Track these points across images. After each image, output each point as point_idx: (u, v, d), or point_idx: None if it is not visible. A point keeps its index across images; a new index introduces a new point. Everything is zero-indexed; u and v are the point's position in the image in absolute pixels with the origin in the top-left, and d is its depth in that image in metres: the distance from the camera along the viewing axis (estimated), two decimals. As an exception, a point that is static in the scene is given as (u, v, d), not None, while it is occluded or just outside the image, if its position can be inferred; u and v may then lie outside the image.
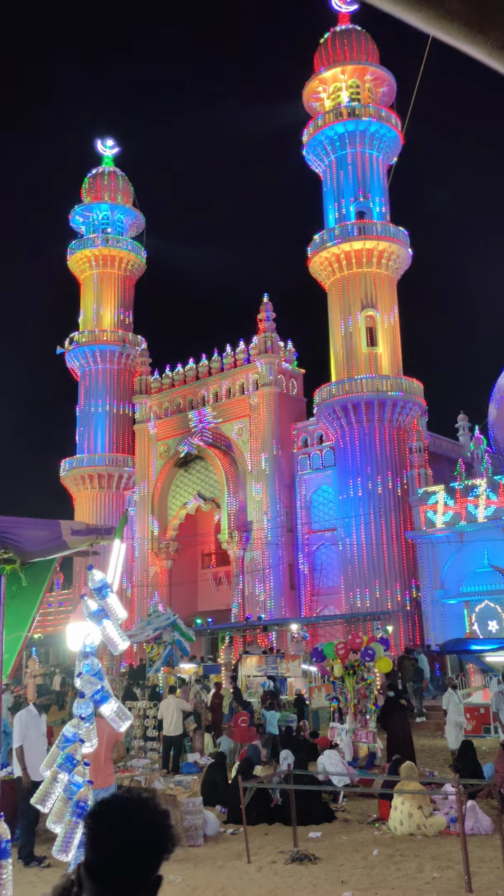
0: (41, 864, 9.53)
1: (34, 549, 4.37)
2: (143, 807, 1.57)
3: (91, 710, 4.34)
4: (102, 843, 1.51)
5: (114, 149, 55.76)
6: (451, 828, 10.66)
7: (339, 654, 16.78)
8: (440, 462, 39.17)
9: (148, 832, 1.53)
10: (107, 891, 1.50)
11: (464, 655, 24.02)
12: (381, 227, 39.51)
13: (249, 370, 41.93)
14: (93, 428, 50.13)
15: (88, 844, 1.51)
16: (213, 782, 13.17)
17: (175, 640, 23.84)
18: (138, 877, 1.52)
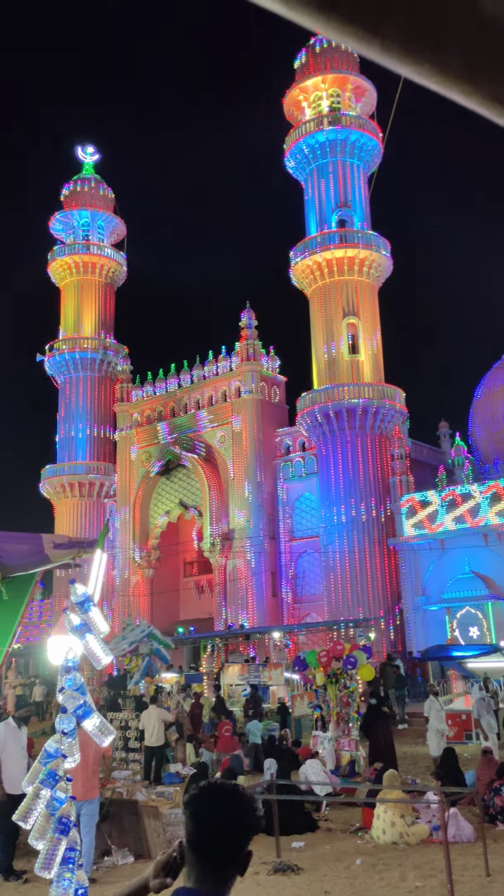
0: (20, 879, 9.44)
1: (15, 564, 4.34)
2: (235, 792, 1.90)
3: (73, 726, 4.31)
4: (205, 822, 1.81)
5: (94, 156, 55.73)
6: (433, 836, 10.68)
7: (322, 663, 16.78)
8: (422, 469, 39.34)
9: (241, 813, 1.85)
10: (208, 863, 1.80)
11: (445, 662, 24.15)
12: (362, 235, 39.73)
13: (231, 378, 41.96)
14: (73, 436, 49.92)
15: (191, 824, 1.81)
16: (195, 793, 13.12)
17: (153, 650, 23.72)
18: (234, 851, 1.81)
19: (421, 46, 0.61)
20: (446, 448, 44.43)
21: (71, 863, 3.97)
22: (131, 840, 10.68)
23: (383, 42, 0.60)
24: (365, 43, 0.62)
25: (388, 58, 0.62)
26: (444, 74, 0.62)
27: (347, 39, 0.61)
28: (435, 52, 0.61)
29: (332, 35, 0.62)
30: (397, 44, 0.60)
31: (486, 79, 0.62)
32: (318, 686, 17.02)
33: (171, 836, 10.56)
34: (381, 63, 0.64)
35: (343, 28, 0.60)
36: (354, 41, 0.62)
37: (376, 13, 0.58)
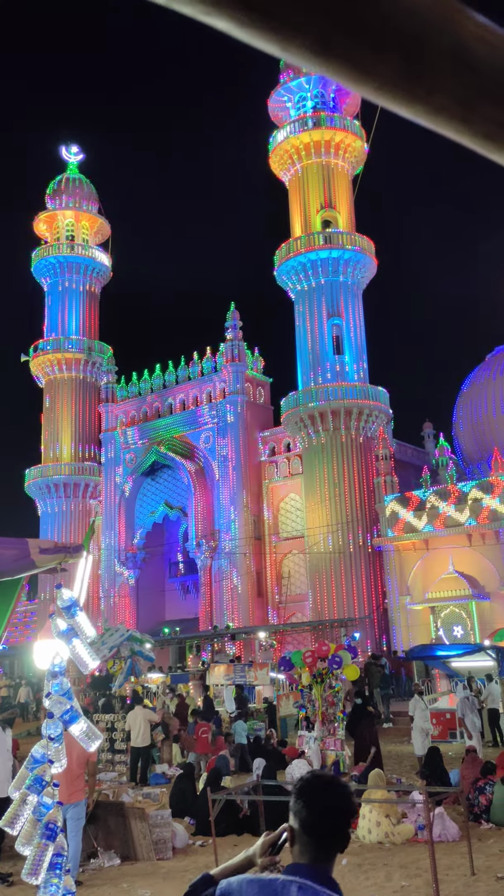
0: (6, 882, 9.40)
1: (1, 569, 4.33)
2: (338, 782, 2.22)
3: (60, 731, 4.30)
4: (320, 809, 2.10)
5: (78, 155, 55.54)
6: (418, 835, 10.72)
7: (307, 663, 16.80)
8: (406, 469, 39.52)
9: (346, 799, 2.14)
10: (322, 842, 2.09)
11: (429, 661, 24.23)
12: (347, 236, 39.81)
13: (217, 378, 41.95)
14: (58, 436, 49.74)
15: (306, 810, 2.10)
16: (181, 793, 13.12)
17: (135, 652, 23.66)
18: (342, 831, 2.12)
19: (415, 88, 0.62)
20: (430, 448, 44.69)
21: (58, 868, 3.97)
22: (118, 842, 10.66)
23: (377, 83, 0.61)
24: (359, 84, 0.63)
25: (381, 98, 0.64)
26: (437, 114, 0.64)
27: (342, 80, 0.63)
28: (428, 94, 0.62)
29: (327, 75, 0.63)
30: (391, 85, 0.61)
31: (479, 118, 0.64)
32: (304, 686, 17.05)
33: (158, 838, 10.55)
34: (374, 102, 0.65)
35: (337, 70, 0.61)
36: (349, 82, 0.63)
37: (370, 57, 0.59)
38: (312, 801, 2.11)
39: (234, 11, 0.54)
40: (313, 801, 2.11)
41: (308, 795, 2.12)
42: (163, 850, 10.53)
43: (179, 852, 10.77)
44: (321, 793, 2.13)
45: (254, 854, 2.30)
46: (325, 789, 2.14)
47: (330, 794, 2.13)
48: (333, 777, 2.24)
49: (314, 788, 2.14)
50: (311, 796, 2.12)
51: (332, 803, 2.12)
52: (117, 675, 24.06)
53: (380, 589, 35.66)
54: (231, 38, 0.58)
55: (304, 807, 2.10)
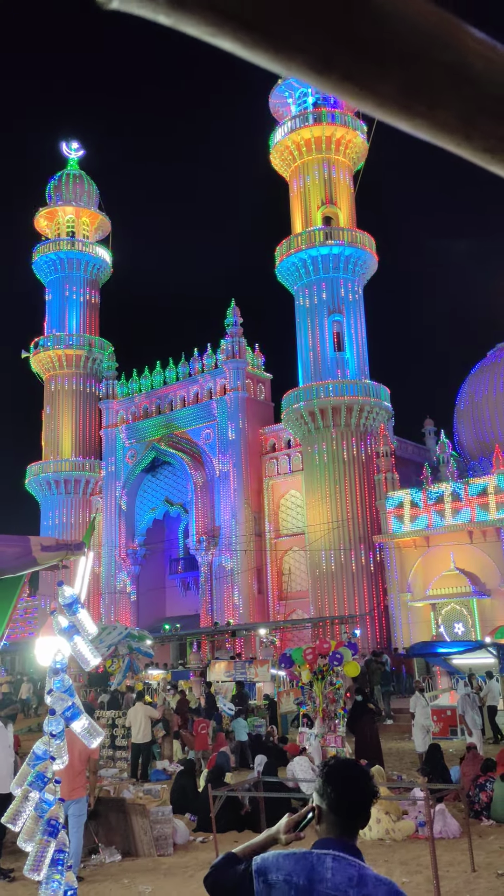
0: (7, 878, 9.44)
1: (3, 566, 4.35)
2: (360, 766, 2.51)
3: (62, 728, 4.32)
4: (347, 790, 2.38)
5: (79, 151, 55.47)
6: (419, 832, 10.76)
7: (308, 660, 16.83)
8: (406, 466, 39.52)
9: (369, 782, 2.42)
10: (349, 820, 2.38)
11: (430, 658, 24.27)
12: (348, 232, 39.77)
13: (217, 375, 41.95)
14: (59, 433, 49.77)
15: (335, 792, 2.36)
16: (182, 789, 13.16)
17: (134, 649, 23.69)
18: (364, 809, 2.40)
19: (416, 105, 0.63)
20: (431, 445, 44.68)
21: (60, 864, 3.99)
22: (119, 838, 10.69)
23: (379, 100, 0.62)
24: (361, 101, 0.64)
25: (383, 113, 0.65)
26: (438, 129, 0.65)
27: (344, 97, 0.64)
28: (429, 110, 0.63)
29: (329, 92, 0.64)
30: (392, 102, 0.63)
31: (480, 134, 0.65)
32: (305, 683, 17.08)
33: (159, 834, 10.58)
34: (376, 117, 0.66)
35: (338, 88, 0.62)
36: (350, 99, 0.64)
37: (372, 75, 0.60)
38: (340, 783, 2.38)
39: (237, 33, 0.56)
40: (341, 783, 2.38)
41: (336, 779, 2.39)
42: (164, 847, 10.56)
43: (180, 848, 10.81)
44: (347, 776, 2.41)
45: (277, 832, 2.50)
46: (350, 773, 2.43)
47: (354, 777, 2.42)
48: (356, 763, 2.57)
49: (341, 772, 2.42)
50: (339, 780, 2.39)
51: (358, 786, 2.40)
52: (116, 672, 24.11)
53: (380, 586, 35.68)
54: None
55: (332, 789, 2.37)
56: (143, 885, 9.06)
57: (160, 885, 9.07)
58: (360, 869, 2.29)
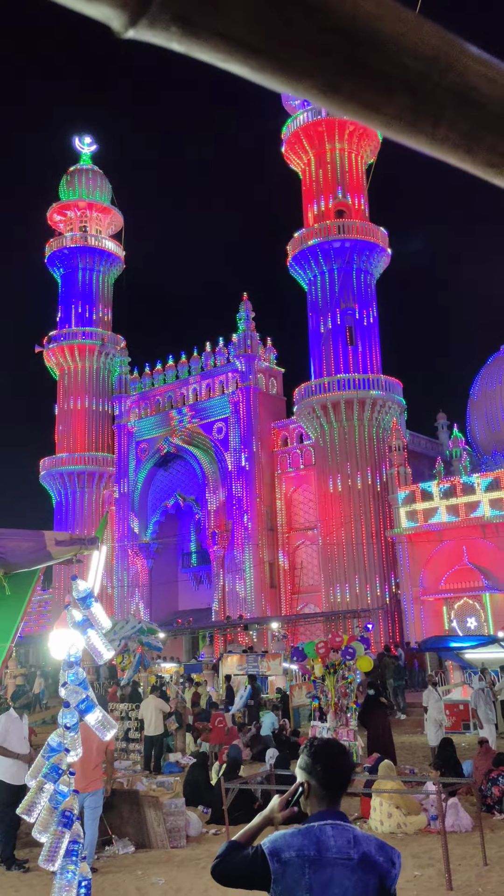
0: (22, 868, 9.53)
1: (18, 561, 4.40)
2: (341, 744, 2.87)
3: (76, 720, 4.37)
4: (335, 765, 2.68)
5: (91, 146, 55.53)
6: (431, 825, 10.78)
7: (320, 654, 16.86)
8: (419, 460, 39.46)
9: (348, 757, 2.77)
10: (336, 792, 2.67)
11: (443, 653, 24.25)
12: (361, 225, 39.66)
13: (229, 369, 41.97)
14: (72, 427, 49.96)
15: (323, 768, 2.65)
16: (195, 782, 13.23)
17: (144, 643, 23.78)
18: (347, 781, 2.73)
19: (420, 124, 0.65)
20: (444, 439, 44.57)
21: (74, 855, 4.04)
22: (132, 830, 10.77)
23: (384, 119, 0.65)
24: (367, 120, 0.66)
25: (388, 131, 0.67)
26: (442, 146, 0.67)
27: (350, 116, 0.66)
28: (434, 128, 0.65)
29: (335, 112, 0.66)
30: (397, 121, 0.65)
31: (483, 149, 0.67)
32: (317, 677, 17.12)
33: (172, 826, 10.65)
34: (380, 132, 0.68)
35: (345, 108, 0.64)
36: (356, 118, 0.67)
37: (377, 97, 0.62)
38: (328, 760, 2.68)
39: (247, 59, 0.58)
40: (329, 760, 2.68)
41: (324, 757, 2.68)
42: (177, 839, 10.63)
43: (193, 840, 10.88)
44: (333, 753, 2.72)
45: (271, 812, 2.71)
46: (335, 750, 2.74)
47: (339, 754, 2.73)
48: (338, 741, 2.93)
49: (327, 750, 2.72)
50: (327, 757, 2.69)
51: (342, 761, 2.71)
52: (127, 668, 24.22)
53: (393, 580, 35.67)
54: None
55: (322, 766, 2.66)
56: (157, 876, 9.13)
57: (173, 877, 9.14)
58: (352, 831, 2.61)
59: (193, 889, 8.68)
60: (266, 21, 0.55)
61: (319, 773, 2.65)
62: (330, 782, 2.65)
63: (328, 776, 2.65)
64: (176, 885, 8.80)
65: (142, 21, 0.56)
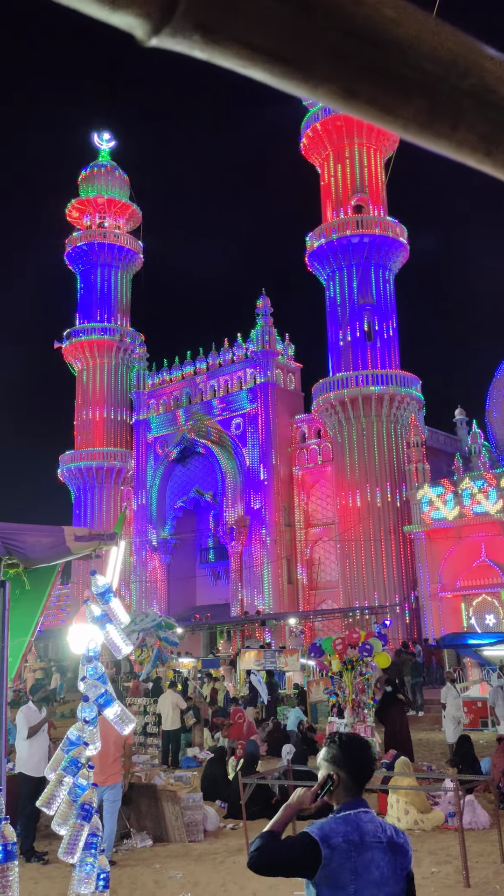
0: (41, 860, 9.62)
1: (38, 556, 4.43)
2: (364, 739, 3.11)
3: (95, 714, 4.41)
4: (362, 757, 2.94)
5: (110, 143, 55.67)
6: (448, 822, 10.77)
7: (337, 650, 16.86)
8: (438, 456, 39.28)
9: (371, 750, 3.08)
10: (362, 782, 2.91)
11: (461, 649, 24.16)
12: (379, 220, 39.51)
13: (247, 364, 41.98)
14: (90, 423, 50.19)
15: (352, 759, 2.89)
16: (213, 777, 13.28)
17: (161, 638, 23.86)
18: (371, 775, 2.97)
19: (438, 126, 0.66)
20: (463, 435, 44.36)
21: (93, 848, 4.08)
22: (150, 823, 10.84)
23: (403, 122, 0.65)
24: (385, 124, 0.67)
25: (407, 134, 0.68)
26: (461, 148, 0.67)
27: (369, 120, 0.67)
28: (452, 131, 0.66)
29: (354, 116, 0.67)
30: (416, 124, 0.65)
31: (502, 151, 0.67)
32: (334, 673, 17.12)
33: (189, 820, 10.71)
34: (401, 137, 0.69)
35: (363, 112, 0.65)
36: (375, 122, 0.67)
37: (395, 101, 0.63)
38: (357, 754, 2.93)
39: (267, 65, 0.59)
40: (358, 754, 2.93)
41: (354, 750, 2.93)
42: (194, 833, 10.69)
43: (210, 835, 10.93)
44: (361, 747, 2.98)
45: (299, 803, 2.93)
46: (362, 745, 3.01)
47: (365, 747, 3.01)
48: (360, 735, 3.21)
49: (356, 744, 2.97)
50: (356, 751, 2.93)
51: (368, 754, 2.99)
52: (145, 662, 24.31)
53: (411, 577, 35.57)
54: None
55: (352, 759, 2.90)
56: (174, 870, 9.19)
57: (190, 871, 9.19)
58: (376, 817, 2.92)
59: (211, 883, 8.72)
60: (286, 28, 0.56)
61: (350, 766, 2.87)
62: (358, 774, 2.89)
63: (357, 769, 2.89)
64: (193, 879, 8.85)
65: (165, 30, 0.57)
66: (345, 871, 2.73)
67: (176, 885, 8.67)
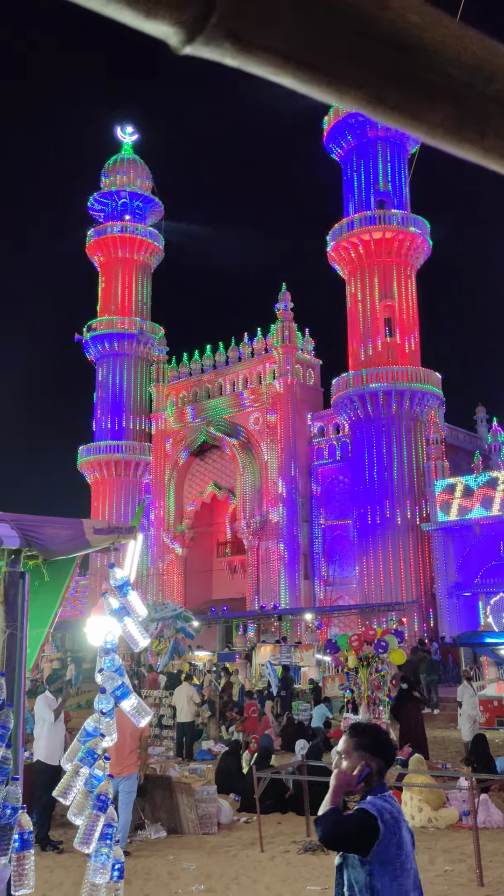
0: (56, 849, 9.71)
1: (57, 548, 4.46)
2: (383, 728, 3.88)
3: (112, 706, 4.44)
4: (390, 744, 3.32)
5: (133, 136, 55.74)
6: (462, 821, 10.75)
7: (353, 646, 16.85)
8: (457, 454, 39.09)
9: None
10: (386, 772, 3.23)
11: (478, 648, 24.08)
12: (401, 215, 39.31)
13: (266, 359, 41.94)
14: (110, 415, 50.38)
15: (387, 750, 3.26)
16: (227, 770, 13.33)
17: (180, 629, 23.92)
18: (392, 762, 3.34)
19: (465, 132, 0.66)
20: (483, 433, 44.09)
21: (108, 838, 4.11)
22: (164, 815, 10.91)
23: (429, 128, 0.66)
24: (412, 129, 0.67)
25: (433, 140, 0.68)
26: (488, 155, 0.68)
27: (395, 126, 0.67)
28: (479, 136, 0.66)
29: (381, 122, 0.68)
30: (443, 130, 0.66)
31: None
32: (350, 669, 17.12)
33: (203, 812, 10.76)
34: (427, 143, 0.70)
35: (390, 118, 0.66)
36: (402, 127, 0.68)
37: (422, 107, 0.64)
38: (389, 743, 3.34)
39: (297, 72, 0.60)
40: (390, 743, 3.34)
41: (386, 739, 3.32)
42: (208, 825, 10.74)
43: (224, 828, 10.98)
44: (389, 737, 3.41)
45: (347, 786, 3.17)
46: (388, 734, 3.44)
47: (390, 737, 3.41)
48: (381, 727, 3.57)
49: (385, 734, 3.35)
50: (388, 740, 3.34)
51: (393, 743, 3.42)
52: (162, 653, 24.40)
53: (428, 574, 35.45)
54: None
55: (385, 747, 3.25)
56: (188, 862, 9.24)
57: (204, 863, 9.24)
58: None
59: (224, 875, 8.76)
60: (313, 35, 0.57)
61: (384, 754, 3.21)
62: (390, 761, 3.25)
63: (391, 756, 3.27)
64: (207, 872, 8.90)
65: (198, 38, 0.58)
66: (392, 846, 3.00)
67: (189, 876, 8.73)
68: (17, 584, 4.38)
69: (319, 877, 8.64)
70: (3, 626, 4.23)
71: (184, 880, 8.59)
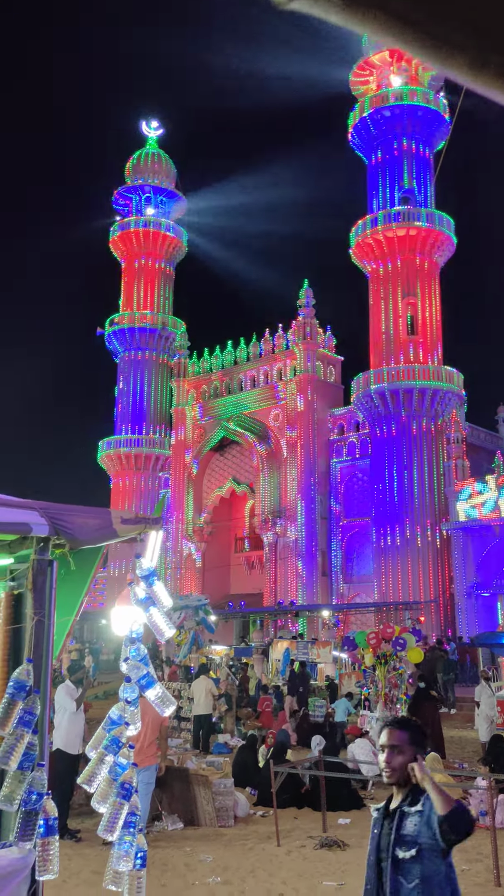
0: (74, 838, 9.76)
1: (85, 537, 4.47)
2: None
3: (136, 695, 4.45)
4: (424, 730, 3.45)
5: (158, 130, 55.79)
6: (480, 821, 10.69)
7: (371, 644, 16.81)
8: (478, 453, 38.87)
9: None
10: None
11: (496, 648, 23.95)
12: (426, 213, 39.08)
13: (287, 356, 41.88)
14: (130, 410, 50.55)
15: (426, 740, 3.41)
16: (243, 763, 13.35)
17: (201, 620, 23.97)
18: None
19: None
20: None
21: (132, 827, 4.13)
22: (181, 807, 10.94)
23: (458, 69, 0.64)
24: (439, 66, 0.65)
25: (471, 81, 0.66)
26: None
27: (493, 95, 0.66)
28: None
29: (479, 90, 0.66)
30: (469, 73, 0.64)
31: None
32: (367, 666, 17.08)
33: (220, 805, 10.79)
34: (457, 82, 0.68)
35: (490, 86, 0.64)
36: (499, 96, 0.66)
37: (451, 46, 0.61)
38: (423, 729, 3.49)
39: (401, 32, 0.59)
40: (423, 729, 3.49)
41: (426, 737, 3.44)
42: (225, 818, 10.77)
43: (241, 821, 11.00)
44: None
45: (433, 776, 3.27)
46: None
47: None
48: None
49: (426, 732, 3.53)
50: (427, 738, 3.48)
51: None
52: (181, 645, 24.47)
53: (447, 574, 35.30)
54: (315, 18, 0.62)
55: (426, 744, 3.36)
56: (205, 854, 9.27)
57: (220, 855, 9.26)
58: None
59: (240, 868, 8.78)
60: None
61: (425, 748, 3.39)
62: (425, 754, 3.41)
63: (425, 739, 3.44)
64: (223, 864, 8.92)
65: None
66: None
67: (206, 868, 8.75)
68: (46, 572, 4.39)
69: (335, 872, 8.63)
70: (31, 614, 4.25)
71: (200, 872, 8.61)
